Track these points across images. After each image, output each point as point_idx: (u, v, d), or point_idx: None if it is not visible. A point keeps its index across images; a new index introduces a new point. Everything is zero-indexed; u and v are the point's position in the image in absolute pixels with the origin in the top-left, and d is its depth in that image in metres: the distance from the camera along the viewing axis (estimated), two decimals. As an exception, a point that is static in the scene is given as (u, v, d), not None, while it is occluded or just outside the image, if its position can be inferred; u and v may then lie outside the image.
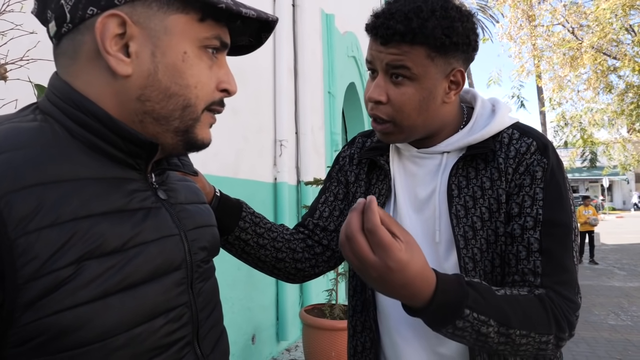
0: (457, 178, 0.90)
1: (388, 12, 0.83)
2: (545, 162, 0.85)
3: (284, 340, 3.84)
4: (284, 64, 3.95)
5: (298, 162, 4.27)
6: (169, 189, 0.65)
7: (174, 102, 0.56)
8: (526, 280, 0.82)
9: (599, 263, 9.96)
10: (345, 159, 1.09)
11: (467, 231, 0.87)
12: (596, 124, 11.46)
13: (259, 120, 3.63)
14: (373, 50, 0.86)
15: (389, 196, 0.97)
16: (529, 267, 0.82)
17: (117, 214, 0.53)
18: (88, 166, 0.53)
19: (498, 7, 12.04)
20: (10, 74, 1.18)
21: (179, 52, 0.56)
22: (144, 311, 0.53)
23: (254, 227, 1.00)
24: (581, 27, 10.66)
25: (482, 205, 0.87)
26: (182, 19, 0.55)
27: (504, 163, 0.87)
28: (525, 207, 0.84)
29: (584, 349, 4.37)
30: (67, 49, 0.56)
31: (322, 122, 4.91)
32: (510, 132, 0.91)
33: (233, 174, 3.19)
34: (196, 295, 0.62)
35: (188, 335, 0.59)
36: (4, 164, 0.47)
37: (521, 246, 0.83)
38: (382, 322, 0.96)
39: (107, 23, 0.52)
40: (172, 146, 0.60)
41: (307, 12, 4.40)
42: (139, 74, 0.55)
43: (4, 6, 1.17)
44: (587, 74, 11.05)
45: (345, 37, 5.66)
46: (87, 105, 0.54)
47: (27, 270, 0.45)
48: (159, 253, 0.56)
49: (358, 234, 0.65)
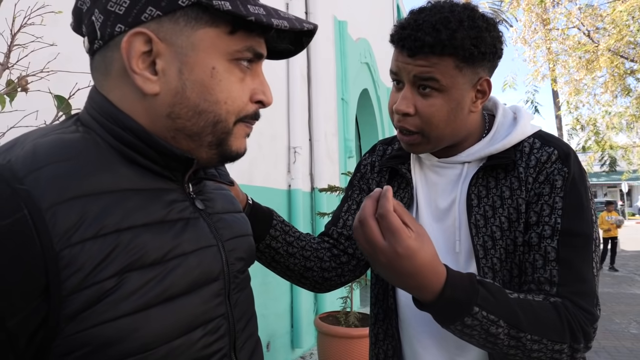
0: (477, 188, 0.90)
1: (415, 24, 0.82)
2: (566, 170, 0.84)
3: (298, 347, 3.83)
4: (297, 71, 3.97)
5: (312, 169, 4.27)
6: (206, 199, 0.65)
7: (205, 118, 0.56)
8: (542, 289, 0.81)
9: (619, 270, 9.76)
10: (366, 166, 1.09)
11: (487, 241, 0.87)
12: (614, 128, 11.28)
13: (273, 127, 3.64)
14: (399, 62, 0.85)
15: (411, 205, 0.97)
16: (545, 276, 0.81)
17: (158, 225, 0.53)
18: (128, 177, 0.53)
19: (512, 11, 11.97)
20: (31, 85, 1.20)
21: (207, 68, 0.55)
22: (183, 323, 0.53)
23: (284, 236, 1.00)
24: (597, 29, 10.54)
25: (502, 215, 0.87)
26: (211, 33, 0.54)
27: (524, 172, 0.87)
28: (544, 216, 0.84)
29: (605, 358, 4.28)
30: (99, 65, 0.56)
31: (335, 128, 4.91)
32: (532, 141, 0.90)
33: (248, 181, 3.20)
34: (233, 306, 0.61)
35: (225, 347, 0.59)
36: (50, 176, 0.47)
37: (538, 255, 0.83)
38: (403, 331, 0.95)
39: (133, 41, 0.52)
40: (207, 160, 0.60)
41: (319, 19, 4.43)
42: (166, 91, 0.54)
43: (25, 19, 1.20)
44: (603, 77, 10.92)
45: (357, 43, 5.68)
46: (123, 119, 0.55)
47: (72, 282, 0.45)
48: (197, 264, 0.56)
49: (370, 218, 0.67)
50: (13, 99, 1.16)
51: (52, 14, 1.23)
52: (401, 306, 0.95)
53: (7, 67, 1.18)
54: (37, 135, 0.52)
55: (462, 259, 0.89)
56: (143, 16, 0.52)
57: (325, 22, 4.74)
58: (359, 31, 5.71)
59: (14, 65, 1.19)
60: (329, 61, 4.81)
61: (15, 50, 1.19)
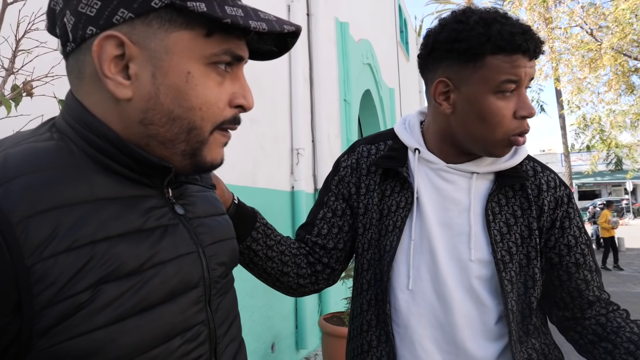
0: (491, 203, 0.94)
1: (527, 28, 0.85)
2: (569, 193, 0.98)
3: (303, 348, 3.83)
4: (299, 72, 3.97)
5: (315, 170, 4.28)
6: (187, 203, 0.63)
7: (178, 125, 0.54)
8: (599, 296, 0.97)
9: (624, 269, 9.72)
10: (346, 169, 1.05)
11: (504, 255, 0.92)
12: (619, 127, 11.24)
13: (275, 129, 3.65)
14: (523, 67, 0.85)
15: (410, 209, 0.95)
16: (596, 285, 0.97)
17: (134, 234, 0.51)
18: (103, 186, 0.51)
19: (514, 11, 11.93)
20: (36, 90, 1.21)
21: (182, 72, 0.52)
22: (160, 333, 0.51)
23: (265, 239, 0.98)
24: (600, 28, 10.50)
25: (516, 232, 0.93)
26: (186, 35, 0.52)
27: (532, 194, 0.95)
28: (577, 237, 0.96)
29: (611, 357, 4.25)
30: (73, 69, 0.55)
31: (338, 129, 4.91)
32: (532, 165, 0.99)
33: (251, 183, 3.21)
34: (214, 312, 0.60)
35: (205, 353, 0.58)
36: (20, 188, 0.45)
37: (586, 271, 0.96)
38: (400, 336, 0.94)
39: (105, 45, 0.50)
40: (182, 168, 0.58)
41: (321, 20, 4.43)
42: (139, 97, 0.52)
43: (30, 25, 1.21)
44: (607, 75, 10.87)
45: (360, 44, 5.68)
46: (98, 126, 0.53)
47: (44, 297, 0.44)
48: (176, 272, 0.54)
49: None
50: (18, 104, 1.17)
51: (56, 19, 1.24)
52: (401, 311, 0.94)
53: (12, 72, 1.19)
54: (9, 144, 0.50)
55: (475, 268, 0.91)
56: (115, 18, 0.50)
57: (327, 23, 4.74)
58: (360, 32, 5.71)
59: (19, 70, 1.20)
60: (331, 62, 4.81)
61: (20, 55, 1.20)
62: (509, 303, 0.89)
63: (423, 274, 0.93)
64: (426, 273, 0.92)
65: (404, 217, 0.95)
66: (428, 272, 0.92)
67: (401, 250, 0.95)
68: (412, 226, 0.94)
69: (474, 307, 0.90)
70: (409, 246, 0.94)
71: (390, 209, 0.97)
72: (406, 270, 0.94)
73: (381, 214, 0.99)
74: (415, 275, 0.93)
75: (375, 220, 0.99)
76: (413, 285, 0.93)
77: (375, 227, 0.99)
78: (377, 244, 0.98)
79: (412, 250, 0.93)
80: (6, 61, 1.22)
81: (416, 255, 0.93)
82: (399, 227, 0.95)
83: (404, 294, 0.93)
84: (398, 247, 0.94)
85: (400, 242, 0.95)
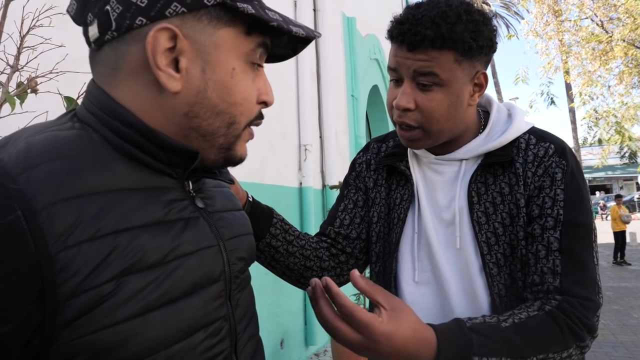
0: (477, 185, 0.90)
1: (414, 18, 0.82)
2: (565, 163, 0.86)
3: (312, 345, 3.83)
4: (306, 68, 3.96)
5: (323, 166, 4.27)
6: (206, 197, 0.63)
7: (221, 119, 0.55)
8: (545, 281, 0.82)
9: (631, 264, 9.61)
10: (362, 165, 1.08)
11: (490, 237, 0.88)
12: (632, 119, 11.10)
13: (283, 125, 3.64)
14: (398, 57, 0.85)
15: (412, 202, 0.97)
16: (549, 265, 0.82)
17: (157, 225, 0.51)
18: (126, 176, 0.51)
19: (523, 4, 11.84)
20: (40, 86, 1.21)
21: (229, 68, 0.54)
22: (183, 327, 0.51)
23: (284, 234, 0.99)
24: (611, 20, 10.37)
25: (503, 211, 0.88)
26: (231, 32, 0.54)
27: (522, 168, 0.88)
28: (546, 208, 0.85)
29: (623, 354, 4.21)
30: (108, 58, 0.54)
31: (345, 125, 4.90)
32: (527, 138, 0.91)
33: (259, 179, 3.20)
34: (234, 307, 0.60)
35: (227, 349, 0.57)
36: (43, 175, 0.45)
37: (541, 245, 0.84)
38: None
39: (159, 37, 0.51)
40: (213, 162, 0.59)
41: (328, 15, 4.41)
42: (188, 90, 0.53)
43: (34, 21, 1.21)
44: (618, 68, 10.74)
45: (367, 39, 5.65)
46: (125, 115, 0.53)
47: (68, 287, 0.43)
48: (198, 265, 0.54)
49: (335, 321, 0.67)
50: (23, 101, 1.17)
51: (60, 16, 1.24)
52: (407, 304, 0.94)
53: (17, 69, 1.18)
54: (31, 132, 0.50)
55: (465, 255, 0.89)
56: (167, 11, 0.51)
57: (334, 18, 4.72)
58: (367, 27, 5.68)
59: (24, 67, 1.20)
60: (339, 58, 4.79)
61: (24, 52, 1.20)
62: (495, 287, 0.87)
63: (425, 265, 0.93)
64: (428, 265, 0.93)
65: (406, 209, 0.96)
66: (429, 264, 0.93)
67: (405, 242, 0.96)
68: (415, 219, 0.95)
69: (470, 295, 0.90)
70: (413, 238, 0.95)
71: (395, 202, 0.99)
72: (411, 263, 0.95)
73: (389, 207, 1.01)
74: (419, 267, 0.94)
75: (384, 214, 1.01)
76: (418, 277, 0.93)
77: (384, 221, 1.01)
78: (385, 236, 1.00)
79: (415, 242, 0.94)
80: (11, 58, 1.21)
81: (419, 248, 0.94)
82: (402, 219, 0.96)
83: (409, 286, 0.94)
84: (401, 239, 0.96)
85: (404, 234, 0.96)
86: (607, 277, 8.27)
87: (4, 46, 1.21)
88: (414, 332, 0.69)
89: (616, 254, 9.85)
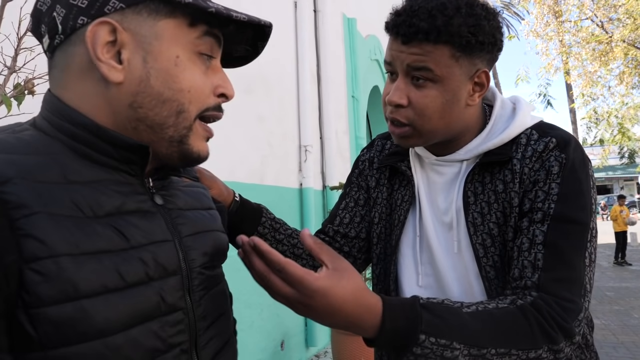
0: (473, 184, 0.86)
1: (410, 10, 0.78)
2: (564, 157, 0.80)
3: (312, 346, 3.82)
4: (307, 69, 3.95)
5: (323, 167, 4.26)
6: (169, 194, 0.63)
7: (168, 107, 0.56)
8: (524, 275, 0.76)
9: (632, 264, 9.59)
10: (365, 162, 1.05)
11: (485, 239, 0.83)
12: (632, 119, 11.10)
13: (283, 126, 3.63)
14: (393, 50, 0.81)
15: (412, 203, 0.93)
16: (529, 259, 0.77)
17: (112, 216, 0.52)
18: (79, 172, 0.52)
19: (523, 4, 11.85)
20: (37, 88, 1.20)
21: (171, 56, 0.55)
22: (139, 312, 0.52)
23: (273, 233, 0.98)
24: (611, 20, 10.37)
25: (497, 210, 0.83)
26: (171, 23, 0.55)
27: (519, 164, 0.83)
28: (537, 202, 0.79)
29: (624, 354, 4.20)
30: (59, 61, 0.56)
31: (346, 126, 4.89)
32: (529, 133, 0.85)
33: (259, 180, 3.20)
34: (195, 303, 0.60)
35: (185, 342, 0.58)
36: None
37: (525, 238, 0.78)
38: None
39: (98, 31, 0.53)
40: (167, 156, 0.59)
41: (328, 16, 4.41)
42: (130, 80, 0.54)
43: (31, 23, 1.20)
44: (618, 68, 10.74)
45: (367, 40, 5.64)
46: (74, 115, 0.54)
47: (29, 251, 0.44)
48: (151, 257, 0.55)
49: (269, 274, 0.61)
50: (21, 102, 1.16)
51: (58, 16, 1.23)
52: None
53: (14, 70, 1.18)
54: None
55: (464, 259, 0.86)
56: (106, 8, 0.53)
57: (335, 19, 4.71)
58: (368, 28, 5.67)
59: (21, 69, 1.20)
60: (339, 59, 4.79)
61: (22, 53, 1.19)
62: (493, 291, 0.82)
63: (428, 269, 0.91)
64: (430, 269, 0.90)
65: (406, 211, 0.93)
66: (431, 268, 0.90)
67: (406, 245, 0.93)
68: (416, 221, 0.92)
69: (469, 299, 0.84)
70: (414, 241, 0.92)
71: (396, 202, 0.97)
72: (414, 267, 0.92)
73: (391, 208, 0.98)
74: (422, 271, 0.91)
75: (385, 215, 0.98)
76: (422, 281, 0.91)
77: (385, 222, 0.98)
78: (386, 238, 0.98)
79: (417, 245, 0.91)
80: (8, 59, 1.20)
81: (421, 251, 0.91)
82: (402, 221, 0.93)
83: (413, 290, 0.91)
84: (401, 241, 0.93)
85: (404, 236, 0.93)
86: (608, 277, 8.26)
87: (1, 47, 1.20)
88: (355, 294, 0.63)
89: (617, 254, 9.84)
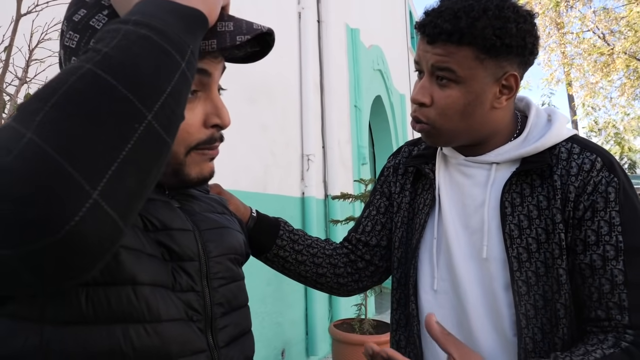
0: (511, 195, 0.84)
1: (437, 10, 0.79)
2: (617, 181, 0.78)
3: (313, 355, 3.81)
4: (310, 79, 3.98)
5: (325, 176, 4.27)
6: (184, 200, 0.65)
7: None
8: (612, 317, 0.75)
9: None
10: (389, 169, 1.07)
11: (522, 253, 0.81)
12: (632, 131, 11.11)
13: (286, 135, 3.65)
14: (420, 50, 0.83)
15: (432, 206, 0.93)
16: (614, 300, 0.75)
17: None
18: None
19: (525, 15, 11.86)
20: (48, 98, 1.22)
21: None
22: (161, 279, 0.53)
23: (291, 245, 1.01)
24: (612, 32, 10.41)
25: (539, 227, 0.81)
26: None
27: (559, 180, 0.80)
28: (603, 235, 0.77)
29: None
30: None
31: (348, 135, 4.91)
32: (570, 146, 0.83)
33: (262, 189, 3.21)
34: (212, 290, 0.61)
35: (201, 320, 0.58)
36: None
37: (604, 279, 0.76)
38: (425, 337, 0.92)
39: None
40: (171, 185, 0.61)
41: (332, 27, 4.44)
42: None
43: (43, 35, 1.23)
44: (620, 79, 10.76)
45: (370, 50, 5.68)
46: None
47: None
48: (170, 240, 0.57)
49: None
50: (31, 112, 1.19)
51: (69, 29, 1.26)
52: (423, 312, 0.92)
53: (26, 81, 1.20)
54: None
55: (493, 268, 0.84)
56: None
57: (338, 29, 4.75)
58: (371, 38, 5.72)
59: (32, 80, 1.22)
60: (342, 68, 4.82)
61: (33, 65, 1.22)
62: (522, 307, 0.80)
63: (444, 274, 0.90)
64: (446, 273, 0.89)
65: (426, 214, 0.93)
66: (448, 273, 0.89)
67: (425, 249, 0.93)
68: (435, 224, 0.91)
69: (491, 311, 0.84)
70: (432, 245, 0.91)
71: (418, 207, 0.97)
72: (430, 270, 0.91)
73: (413, 212, 0.98)
74: (438, 275, 0.90)
75: (407, 219, 0.99)
76: (437, 285, 0.90)
77: (407, 226, 0.99)
78: (406, 242, 0.98)
79: (434, 249, 0.91)
80: (20, 70, 1.23)
81: (438, 255, 0.91)
82: (422, 225, 0.93)
83: (427, 294, 0.91)
84: (421, 245, 0.93)
85: (423, 240, 0.93)
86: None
87: (13, 59, 1.23)
88: None
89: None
